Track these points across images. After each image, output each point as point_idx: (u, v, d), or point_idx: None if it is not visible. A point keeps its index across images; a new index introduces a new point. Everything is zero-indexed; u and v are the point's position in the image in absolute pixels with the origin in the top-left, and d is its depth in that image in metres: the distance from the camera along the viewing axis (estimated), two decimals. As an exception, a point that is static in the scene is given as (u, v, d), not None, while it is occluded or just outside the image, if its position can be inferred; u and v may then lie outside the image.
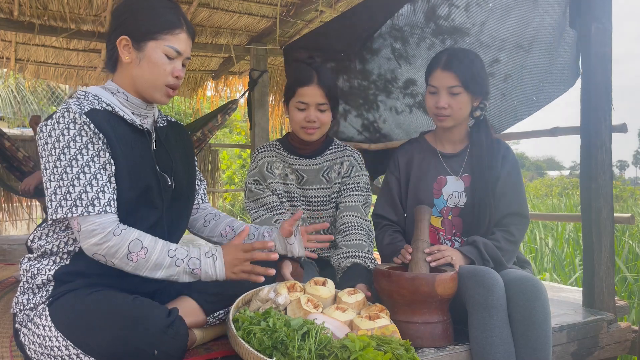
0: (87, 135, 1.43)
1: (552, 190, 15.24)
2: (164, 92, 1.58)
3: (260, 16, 4.26)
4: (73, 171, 1.40)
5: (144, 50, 1.54)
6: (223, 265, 1.52)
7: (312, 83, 2.00)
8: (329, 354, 1.39)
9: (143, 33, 1.53)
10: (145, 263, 1.44)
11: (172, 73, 1.56)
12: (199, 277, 1.51)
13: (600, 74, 2.11)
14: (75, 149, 1.42)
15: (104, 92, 1.56)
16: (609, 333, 2.08)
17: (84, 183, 1.41)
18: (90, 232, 1.41)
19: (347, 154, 2.20)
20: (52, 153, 1.42)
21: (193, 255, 1.50)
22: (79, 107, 1.46)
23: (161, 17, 1.55)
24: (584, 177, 2.16)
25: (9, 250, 3.70)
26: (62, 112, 1.44)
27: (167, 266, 1.46)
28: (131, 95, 1.58)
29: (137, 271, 1.45)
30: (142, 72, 1.55)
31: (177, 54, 1.56)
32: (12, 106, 12.96)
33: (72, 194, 1.40)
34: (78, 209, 1.39)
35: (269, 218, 2.08)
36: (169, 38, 1.54)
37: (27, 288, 1.51)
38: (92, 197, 1.41)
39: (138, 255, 1.43)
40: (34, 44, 4.59)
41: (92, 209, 1.40)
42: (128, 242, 1.43)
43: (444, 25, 2.78)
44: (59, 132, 1.42)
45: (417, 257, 1.82)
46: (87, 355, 1.38)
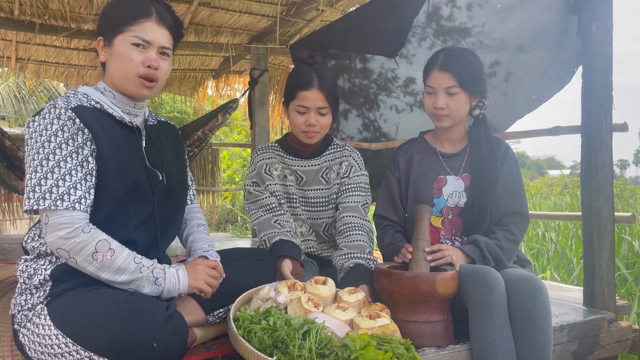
0: (69, 132, 1.45)
1: (552, 190, 15.23)
2: (138, 82, 1.56)
3: (261, 15, 4.26)
4: (49, 164, 1.42)
5: (113, 45, 1.56)
6: (186, 275, 1.53)
7: (313, 87, 1.98)
8: (329, 353, 1.39)
9: (111, 29, 1.56)
10: (110, 265, 1.43)
11: (144, 63, 1.55)
12: (162, 288, 1.48)
13: (601, 73, 2.11)
14: (55, 143, 1.43)
15: (93, 91, 1.59)
16: (609, 332, 2.08)
17: (56, 177, 1.41)
18: (57, 225, 1.40)
19: (345, 154, 2.19)
20: (33, 146, 1.44)
21: (159, 266, 1.50)
22: (66, 103, 1.49)
23: (126, 10, 1.56)
24: (584, 176, 2.16)
25: (10, 249, 3.71)
26: (49, 108, 1.47)
27: (131, 271, 1.45)
28: (117, 94, 1.60)
29: (99, 272, 1.43)
30: (114, 67, 1.57)
31: (145, 43, 1.55)
32: (13, 105, 12.97)
33: (43, 187, 1.40)
34: (46, 202, 1.39)
35: (268, 219, 2.08)
36: (134, 29, 1.54)
37: (25, 289, 1.52)
38: (62, 191, 1.41)
39: (104, 255, 1.42)
40: (35, 43, 4.59)
41: (61, 203, 1.40)
42: (96, 241, 1.42)
43: (445, 26, 2.78)
44: (42, 127, 1.44)
45: (418, 257, 1.82)
46: (86, 351, 1.38)
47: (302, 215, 2.17)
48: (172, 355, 1.43)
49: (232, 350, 1.51)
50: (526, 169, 38.62)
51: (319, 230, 2.20)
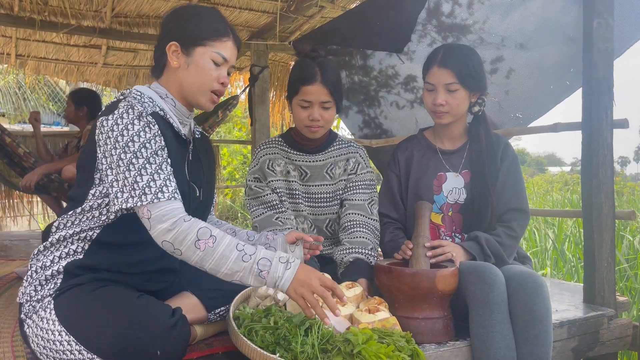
0: (150, 132, 1.45)
1: (553, 187, 15.22)
2: (209, 97, 1.61)
3: (261, 12, 4.25)
4: (139, 162, 1.41)
5: (192, 55, 1.57)
6: (292, 277, 1.40)
7: (316, 81, 1.97)
8: (332, 348, 1.39)
9: (192, 39, 1.57)
10: (213, 253, 1.38)
11: (218, 79, 1.60)
12: (264, 281, 1.40)
13: (602, 69, 2.10)
14: (140, 142, 1.43)
15: (155, 95, 1.59)
16: (609, 329, 2.08)
17: (150, 172, 1.41)
18: (161, 217, 1.39)
19: (352, 150, 2.18)
20: (115, 146, 1.42)
21: (264, 255, 1.42)
22: (142, 107, 1.48)
23: (210, 24, 1.59)
24: (585, 172, 2.16)
25: (10, 245, 3.71)
26: (126, 109, 1.45)
27: (233, 260, 1.39)
28: (178, 102, 1.61)
29: (203, 263, 1.39)
30: (189, 77, 1.58)
31: (223, 61, 1.60)
32: (13, 102, 12.96)
33: (140, 183, 1.39)
34: (147, 197, 1.38)
35: (269, 216, 2.08)
36: (217, 45, 1.58)
37: (36, 279, 1.51)
38: (160, 184, 1.41)
39: (206, 243, 1.38)
40: (35, 40, 4.59)
41: (162, 195, 1.40)
42: (197, 228, 1.39)
43: (446, 22, 2.78)
44: (122, 127, 1.43)
45: (418, 253, 1.82)
46: (89, 352, 1.38)
47: (305, 211, 2.17)
48: (173, 359, 1.43)
49: (232, 346, 1.51)
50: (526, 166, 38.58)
51: (322, 227, 2.19)
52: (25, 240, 3.79)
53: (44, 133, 4.49)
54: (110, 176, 1.44)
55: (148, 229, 1.41)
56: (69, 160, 3.58)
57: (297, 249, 1.83)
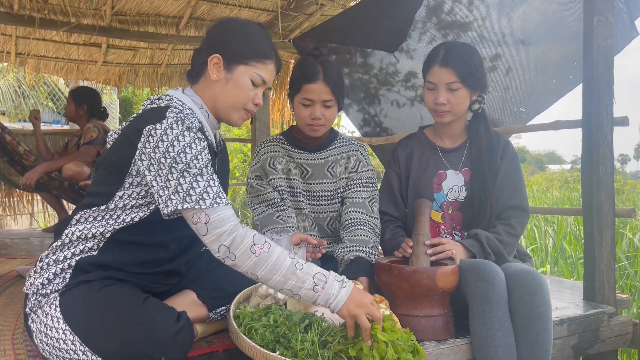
0: (200, 145, 1.45)
1: (553, 184, 15.22)
2: (242, 115, 1.63)
3: (261, 10, 4.24)
4: (193, 170, 1.40)
5: (233, 72, 1.58)
6: (347, 296, 1.39)
7: (318, 80, 1.97)
8: (332, 340, 1.39)
9: (236, 56, 1.57)
10: (267, 258, 1.37)
11: (253, 100, 1.61)
12: (317, 296, 1.38)
13: (602, 67, 2.10)
14: (192, 154, 1.42)
15: (194, 106, 1.59)
16: (609, 326, 2.08)
17: (207, 179, 1.41)
18: (221, 221, 1.38)
19: (353, 148, 2.18)
20: (166, 155, 1.40)
21: (320, 270, 1.41)
22: (190, 122, 1.47)
23: (256, 44, 1.60)
24: (585, 170, 2.16)
25: (11, 244, 3.71)
26: (175, 120, 1.44)
27: (286, 267, 1.37)
28: (211, 115, 1.62)
29: (256, 269, 1.38)
30: (226, 92, 1.59)
31: (262, 83, 1.61)
32: (13, 100, 12.95)
33: (197, 189, 1.39)
34: (206, 201, 1.38)
35: (270, 214, 2.08)
36: (259, 66, 1.59)
37: (46, 270, 1.50)
38: (217, 190, 1.41)
39: (262, 248, 1.38)
40: (34, 38, 4.58)
41: (220, 200, 1.40)
42: (253, 234, 1.40)
43: (446, 20, 2.78)
44: (173, 137, 1.42)
45: (418, 251, 1.82)
46: (94, 354, 1.38)
47: (306, 210, 2.17)
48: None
49: (232, 344, 1.51)
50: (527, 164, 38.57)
51: (323, 225, 2.19)
52: (25, 239, 3.79)
53: (44, 131, 4.49)
54: (158, 184, 1.42)
55: (203, 233, 1.40)
56: (69, 159, 3.58)
57: (301, 250, 1.84)
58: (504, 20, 2.60)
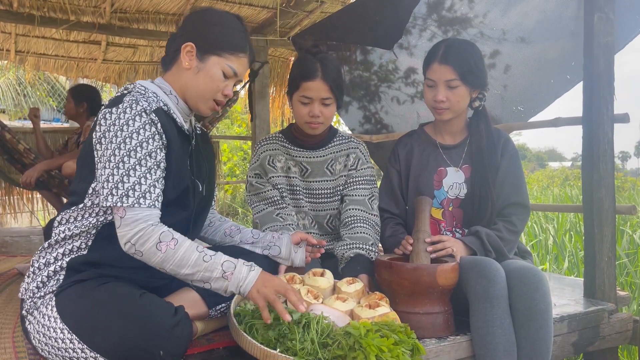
0: (150, 131, 1.45)
1: (553, 182, 15.21)
2: (210, 105, 1.62)
3: (261, 7, 4.24)
4: (130, 162, 1.42)
5: (205, 62, 1.57)
6: (256, 279, 1.45)
7: (317, 78, 1.96)
8: (332, 342, 1.39)
9: (210, 46, 1.57)
10: (173, 254, 1.42)
11: (223, 91, 1.61)
12: (227, 283, 1.44)
13: (603, 63, 2.10)
14: (137, 140, 1.43)
15: (159, 90, 1.59)
16: (609, 323, 2.08)
17: (139, 175, 1.42)
18: (134, 222, 1.41)
19: (352, 146, 2.18)
20: (112, 141, 1.42)
21: (228, 258, 1.46)
22: (146, 103, 1.48)
23: (231, 36, 1.59)
24: (585, 167, 2.16)
25: (11, 242, 3.71)
26: (130, 103, 1.45)
27: (194, 260, 1.43)
28: (180, 100, 1.62)
29: (164, 264, 1.43)
30: (196, 82, 1.58)
31: (233, 75, 1.61)
32: (13, 98, 12.94)
33: (126, 184, 1.40)
34: (129, 199, 1.40)
35: (270, 212, 2.08)
36: (232, 58, 1.59)
37: (39, 275, 1.51)
38: (144, 189, 1.42)
39: (167, 245, 1.41)
40: (34, 36, 4.58)
41: (143, 201, 1.41)
42: (160, 232, 1.42)
43: (446, 16, 2.77)
44: (123, 122, 1.43)
45: (418, 248, 1.82)
46: (92, 351, 1.38)
47: (305, 207, 2.17)
48: (176, 358, 1.43)
49: (233, 342, 1.51)
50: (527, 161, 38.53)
51: (323, 222, 2.19)
52: (26, 237, 3.79)
53: (44, 129, 4.49)
54: (100, 170, 1.45)
55: (117, 225, 1.43)
56: (69, 157, 3.58)
57: (300, 250, 1.84)
58: (504, 19, 2.59)
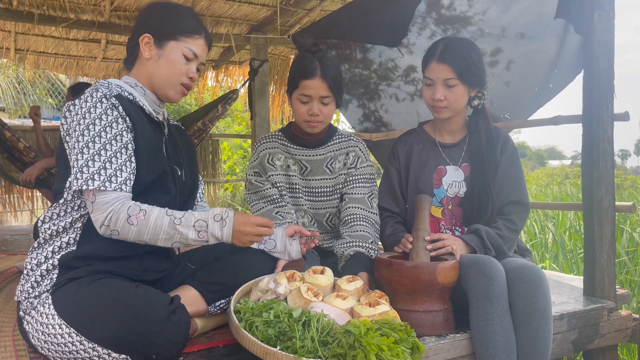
0: (112, 115, 1.50)
1: (553, 180, 15.22)
2: (178, 89, 1.67)
3: (261, 5, 4.23)
4: (95, 147, 1.46)
5: (164, 48, 1.63)
6: (231, 232, 1.54)
7: (316, 76, 1.96)
8: (332, 340, 1.39)
9: (166, 33, 1.63)
10: (146, 225, 1.46)
11: (187, 74, 1.66)
12: (205, 240, 1.52)
13: (603, 61, 2.09)
14: (100, 126, 1.47)
15: (123, 84, 1.64)
16: (609, 321, 2.08)
17: (104, 159, 1.46)
18: (103, 204, 1.45)
19: (352, 144, 2.18)
20: (76, 129, 1.47)
21: (199, 217, 1.52)
22: (107, 89, 1.53)
23: (184, 21, 1.66)
24: (585, 165, 2.16)
25: (11, 240, 3.72)
26: (91, 92, 1.51)
27: (167, 225, 1.48)
28: (148, 91, 1.67)
29: (141, 236, 1.48)
30: (159, 69, 1.64)
31: (194, 57, 1.66)
32: (13, 97, 12.94)
33: (91, 168, 1.44)
34: (95, 182, 1.44)
35: (270, 210, 2.08)
36: (189, 41, 1.65)
37: (32, 275, 1.53)
38: (110, 173, 1.46)
39: (137, 217, 1.46)
40: (34, 34, 4.57)
41: (109, 184, 1.45)
42: (127, 207, 1.47)
43: (445, 14, 2.77)
44: (85, 110, 1.48)
45: (418, 246, 1.82)
46: (90, 342, 1.39)
47: (305, 206, 2.17)
48: (174, 348, 1.45)
49: (233, 340, 1.52)
50: (527, 160, 38.54)
51: (322, 221, 2.19)
52: (25, 235, 3.80)
53: (44, 127, 4.49)
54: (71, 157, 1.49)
55: (90, 210, 1.48)
56: (69, 155, 3.58)
57: (295, 242, 1.85)
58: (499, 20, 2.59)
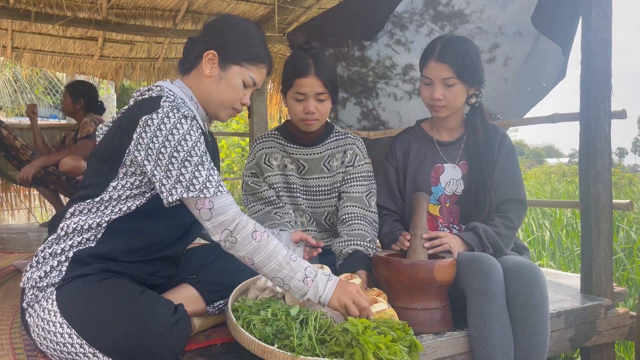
0: (197, 133, 1.48)
1: (550, 178, 15.24)
2: (229, 113, 1.66)
3: (258, 3, 4.22)
4: (194, 159, 1.44)
5: (227, 71, 1.60)
6: (334, 288, 1.48)
7: (310, 74, 1.95)
8: (330, 339, 1.39)
9: (233, 56, 1.60)
10: (266, 245, 1.45)
11: (242, 100, 1.65)
12: (308, 288, 1.46)
13: (600, 59, 2.10)
14: (192, 141, 1.45)
15: (185, 96, 1.60)
16: (606, 319, 2.09)
17: (207, 167, 1.46)
18: (224, 207, 1.44)
19: (349, 142, 2.17)
20: (166, 144, 1.43)
21: (310, 265, 1.51)
22: (185, 109, 1.50)
23: (253, 47, 1.62)
24: (582, 163, 2.16)
25: (8, 239, 3.70)
26: (171, 109, 1.46)
27: (282, 257, 1.46)
28: (200, 107, 1.64)
29: (255, 254, 1.45)
30: (217, 90, 1.61)
31: (252, 85, 1.65)
32: (10, 95, 12.89)
33: (200, 178, 1.43)
34: (210, 190, 1.43)
35: (268, 211, 2.07)
36: (253, 69, 1.62)
37: (43, 264, 1.50)
38: (218, 179, 1.46)
39: (262, 235, 1.46)
40: (31, 32, 4.55)
41: (222, 189, 1.45)
42: (254, 222, 1.48)
43: (443, 12, 2.77)
44: (170, 126, 1.44)
45: (416, 244, 1.82)
46: (91, 347, 1.38)
47: (303, 205, 2.16)
48: (174, 357, 1.44)
49: (231, 338, 1.52)
50: (524, 158, 38.59)
51: (321, 219, 2.19)
52: (23, 234, 3.79)
53: (41, 126, 4.48)
54: (160, 173, 1.44)
55: (207, 218, 1.44)
56: (66, 153, 3.57)
57: (299, 249, 1.86)
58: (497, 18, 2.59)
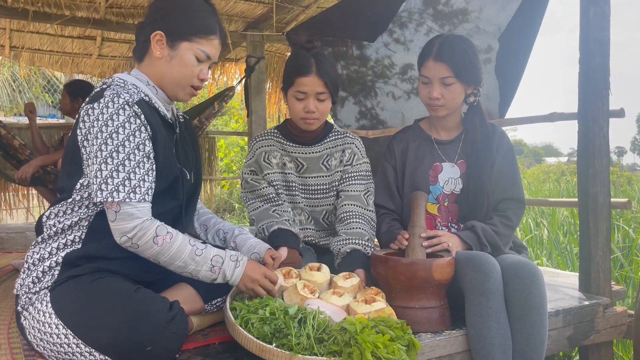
0: (135, 123, 1.45)
1: (549, 177, 15.24)
2: (188, 91, 1.62)
3: (257, 2, 4.23)
4: (119, 157, 1.42)
5: (176, 49, 1.56)
6: (241, 275, 1.54)
7: (311, 73, 1.95)
8: (328, 338, 1.39)
9: (179, 33, 1.55)
10: (169, 248, 1.45)
11: (199, 75, 1.60)
12: (216, 276, 1.51)
13: (599, 58, 2.10)
14: (124, 135, 1.43)
15: (139, 82, 1.58)
16: (604, 317, 2.09)
17: (128, 170, 1.42)
18: (128, 216, 1.42)
19: (348, 141, 2.17)
20: (97, 136, 1.42)
21: (217, 253, 1.52)
22: (128, 95, 1.47)
23: (200, 20, 1.57)
24: (581, 162, 2.16)
25: (6, 238, 3.70)
26: (111, 97, 1.44)
27: (187, 254, 1.47)
28: (159, 90, 1.61)
29: (159, 256, 1.46)
30: (171, 70, 1.57)
31: (206, 58, 1.59)
32: (8, 94, 12.87)
33: (115, 179, 1.41)
34: (120, 194, 1.40)
35: (266, 209, 2.07)
36: (203, 42, 1.57)
37: (34, 270, 1.51)
38: (134, 184, 1.42)
39: (164, 239, 1.45)
40: (29, 31, 4.55)
41: (134, 196, 1.42)
42: (156, 226, 1.45)
43: (442, 11, 2.77)
44: (107, 117, 1.42)
45: (414, 243, 1.82)
46: (87, 346, 1.38)
47: (301, 203, 2.16)
48: (171, 355, 1.44)
49: (229, 337, 1.52)
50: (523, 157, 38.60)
51: (319, 218, 2.19)
52: (21, 233, 3.78)
53: (40, 125, 4.47)
54: (90, 166, 1.44)
55: (112, 219, 1.44)
56: (64, 152, 3.56)
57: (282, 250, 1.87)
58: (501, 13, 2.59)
